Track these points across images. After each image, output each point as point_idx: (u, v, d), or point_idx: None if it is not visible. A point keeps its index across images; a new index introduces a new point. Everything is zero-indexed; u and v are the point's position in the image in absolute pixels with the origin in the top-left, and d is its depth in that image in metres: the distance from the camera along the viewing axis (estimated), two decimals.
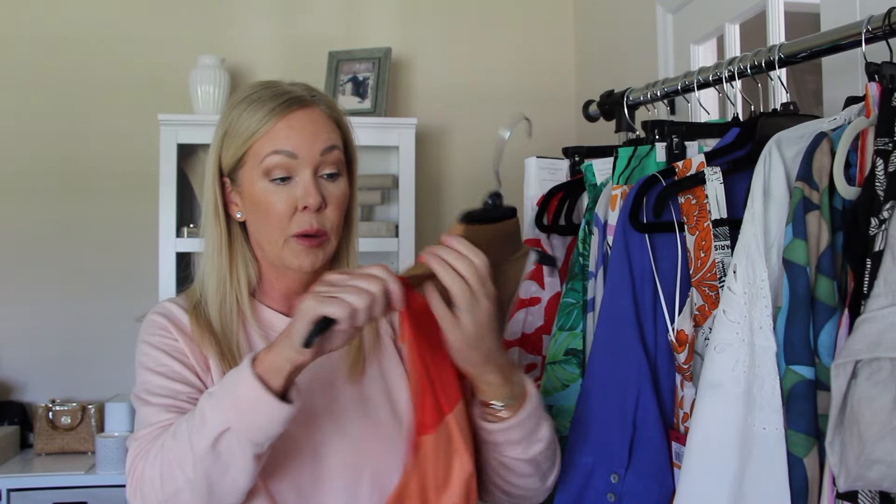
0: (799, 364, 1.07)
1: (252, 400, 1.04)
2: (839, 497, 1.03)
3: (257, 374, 1.05)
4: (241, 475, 1.07)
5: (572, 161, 1.89)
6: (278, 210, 1.21)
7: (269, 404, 1.04)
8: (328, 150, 1.22)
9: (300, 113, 1.22)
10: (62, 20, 2.95)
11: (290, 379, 1.06)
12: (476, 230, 1.11)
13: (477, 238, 1.10)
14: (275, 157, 1.20)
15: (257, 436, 1.05)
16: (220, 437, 1.05)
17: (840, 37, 1.26)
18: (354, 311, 1.00)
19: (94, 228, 2.94)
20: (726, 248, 1.30)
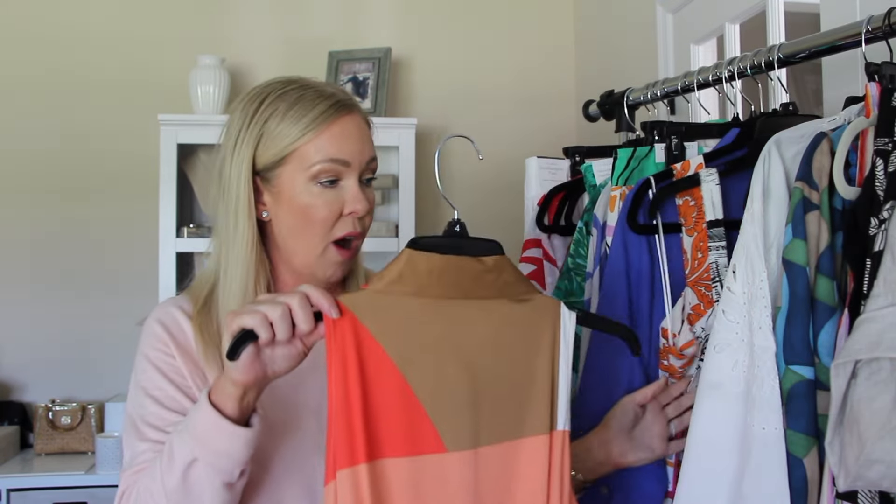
0: (798, 364, 1.07)
1: (210, 428, 1.04)
2: (839, 497, 1.03)
3: (212, 402, 1.05)
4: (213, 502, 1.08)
5: (573, 161, 1.89)
6: (323, 214, 1.19)
7: (227, 430, 1.04)
8: (372, 160, 1.24)
9: (348, 119, 1.21)
10: (62, 20, 2.95)
11: (245, 402, 1.05)
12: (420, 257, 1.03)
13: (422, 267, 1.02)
14: (328, 164, 1.18)
15: (223, 463, 1.05)
16: (188, 470, 1.06)
17: (840, 37, 1.26)
18: (268, 320, 0.98)
19: (94, 228, 2.94)
20: (722, 248, 1.30)
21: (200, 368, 1.21)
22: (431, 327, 1.02)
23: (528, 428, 1.04)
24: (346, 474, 0.96)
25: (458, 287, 1.03)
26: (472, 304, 1.04)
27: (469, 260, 1.04)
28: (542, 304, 1.08)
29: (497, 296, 1.05)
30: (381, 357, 0.99)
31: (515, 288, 1.07)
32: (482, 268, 1.05)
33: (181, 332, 1.23)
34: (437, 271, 1.02)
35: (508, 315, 1.05)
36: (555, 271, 1.79)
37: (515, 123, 3.10)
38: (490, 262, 1.05)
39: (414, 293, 1.01)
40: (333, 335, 0.98)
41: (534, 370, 1.05)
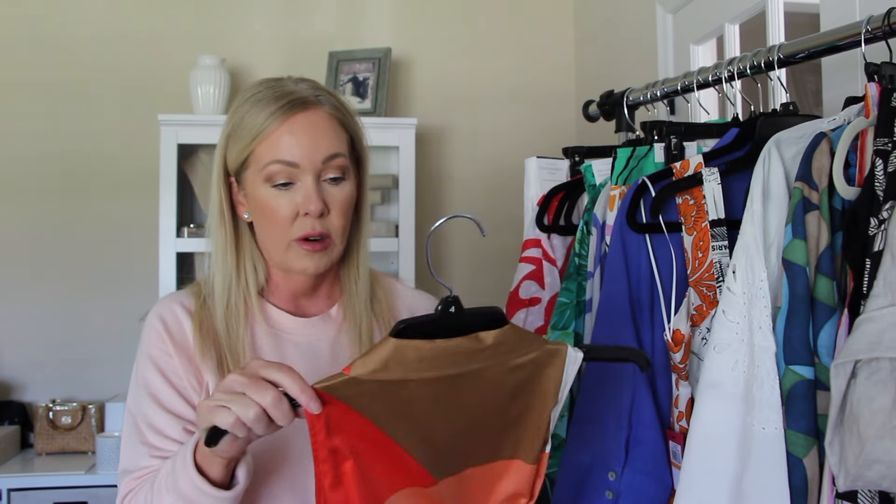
0: (798, 364, 1.07)
1: (195, 492, 1.06)
2: (839, 497, 1.03)
3: (197, 465, 1.06)
4: None
5: (572, 161, 1.89)
6: (281, 215, 1.19)
7: (208, 493, 1.06)
8: (330, 158, 1.20)
9: (301, 117, 1.19)
10: (62, 20, 2.95)
11: (229, 467, 1.07)
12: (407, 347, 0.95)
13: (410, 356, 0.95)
14: (275, 165, 1.18)
15: None
16: None
17: (839, 37, 1.26)
18: (241, 422, 0.95)
19: (95, 228, 2.94)
20: (724, 248, 1.30)
21: (196, 365, 1.22)
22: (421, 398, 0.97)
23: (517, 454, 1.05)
24: None
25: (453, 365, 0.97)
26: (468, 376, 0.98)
27: (465, 340, 0.97)
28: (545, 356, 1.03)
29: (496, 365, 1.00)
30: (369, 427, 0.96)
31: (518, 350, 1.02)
32: (479, 346, 0.98)
33: (180, 329, 1.23)
34: (428, 358, 0.96)
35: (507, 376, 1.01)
36: (554, 271, 1.79)
37: (515, 123, 3.10)
38: (489, 338, 0.99)
39: (402, 378, 0.95)
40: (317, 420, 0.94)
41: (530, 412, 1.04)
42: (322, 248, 1.21)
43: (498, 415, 1.03)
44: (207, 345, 1.22)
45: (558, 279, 1.76)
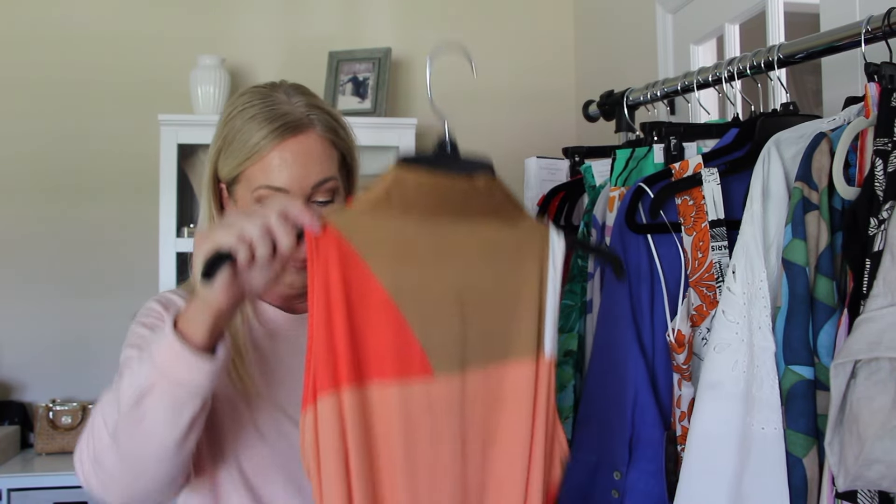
0: (798, 364, 1.07)
1: (171, 357, 0.97)
2: (838, 497, 1.03)
3: (178, 329, 0.98)
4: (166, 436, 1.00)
5: (572, 161, 1.89)
6: None
7: (189, 361, 0.97)
8: (320, 184, 1.20)
9: (293, 142, 1.19)
10: (62, 20, 2.95)
11: (216, 329, 0.98)
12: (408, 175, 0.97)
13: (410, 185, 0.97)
14: (265, 190, 1.18)
15: (182, 394, 0.98)
16: (143, 398, 0.98)
17: (839, 37, 1.26)
18: (245, 238, 0.91)
19: (95, 228, 2.94)
20: (724, 248, 1.30)
21: None
22: (419, 246, 0.98)
23: (514, 351, 1.02)
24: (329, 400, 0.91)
25: (448, 206, 0.99)
26: (462, 224, 1.00)
27: (459, 179, 1.00)
28: (531, 228, 1.06)
29: (487, 217, 1.02)
30: (367, 275, 0.94)
31: (505, 210, 1.04)
32: (473, 188, 1.01)
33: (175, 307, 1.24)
34: (427, 189, 0.98)
35: (497, 237, 1.03)
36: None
37: (515, 123, 3.10)
38: (481, 182, 1.01)
39: (401, 211, 0.97)
40: (316, 253, 0.92)
41: (521, 293, 1.03)
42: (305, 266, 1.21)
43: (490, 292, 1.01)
44: None
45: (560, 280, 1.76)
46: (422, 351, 0.96)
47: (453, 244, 1.00)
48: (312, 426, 0.91)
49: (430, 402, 0.97)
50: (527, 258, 1.04)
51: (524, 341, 1.03)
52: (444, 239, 0.99)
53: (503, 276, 1.03)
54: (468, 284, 1.00)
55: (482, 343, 1.01)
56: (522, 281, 1.04)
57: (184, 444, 1.02)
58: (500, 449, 1.02)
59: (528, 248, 1.05)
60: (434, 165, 0.99)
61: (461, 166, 1.01)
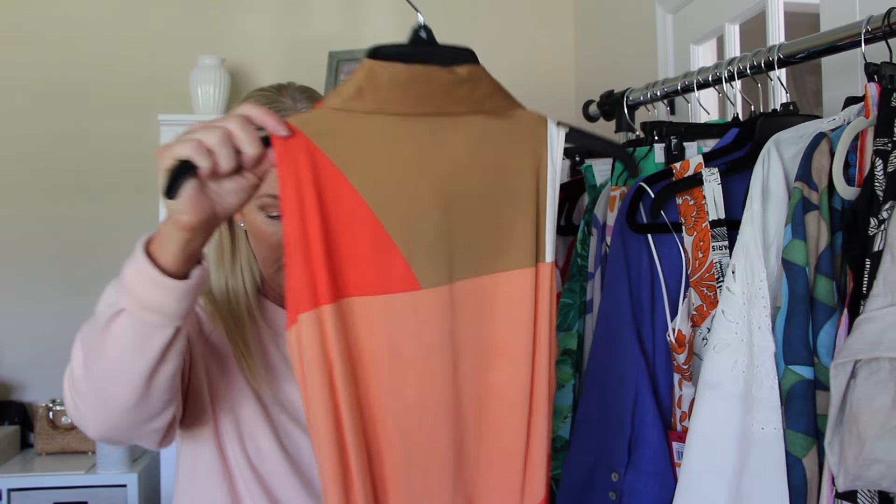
0: (798, 364, 1.07)
1: (140, 278, 0.92)
2: (838, 497, 1.03)
3: (148, 251, 0.93)
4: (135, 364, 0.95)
5: (572, 161, 1.89)
6: (272, 241, 1.20)
7: (157, 281, 0.91)
8: None
9: None
10: (62, 20, 2.95)
11: (190, 249, 0.92)
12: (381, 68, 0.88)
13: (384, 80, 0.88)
14: (269, 199, 1.18)
15: (152, 318, 0.92)
16: (113, 319, 0.94)
17: (839, 37, 1.26)
18: (205, 146, 0.84)
19: (95, 228, 2.94)
20: (724, 248, 1.30)
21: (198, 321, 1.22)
22: (398, 148, 0.89)
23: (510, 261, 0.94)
24: (309, 317, 0.84)
25: (428, 101, 0.90)
26: (445, 121, 0.91)
27: (439, 70, 0.91)
28: (525, 120, 0.96)
29: (472, 111, 0.93)
30: (342, 184, 0.86)
31: (493, 101, 0.95)
32: (454, 79, 0.92)
33: None
34: (403, 83, 0.89)
35: (486, 132, 0.93)
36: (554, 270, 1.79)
37: None
38: (463, 72, 0.92)
39: (376, 110, 0.88)
40: (285, 159, 0.85)
41: (516, 195, 0.95)
42: None
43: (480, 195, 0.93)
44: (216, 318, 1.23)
45: (560, 278, 1.76)
46: (406, 264, 0.89)
47: (436, 144, 0.91)
48: (296, 342, 0.85)
49: (416, 312, 0.90)
50: (521, 155, 0.95)
51: (522, 249, 0.95)
52: (426, 138, 0.90)
53: (495, 176, 0.94)
54: (455, 188, 0.91)
55: (472, 252, 0.93)
56: (517, 181, 0.94)
57: (155, 376, 0.95)
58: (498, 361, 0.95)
59: (522, 143, 0.95)
60: (410, 57, 0.90)
61: (440, 56, 0.92)
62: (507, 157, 0.94)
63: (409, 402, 0.90)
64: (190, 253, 0.92)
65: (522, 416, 0.96)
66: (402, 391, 0.90)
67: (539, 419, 0.96)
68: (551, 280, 0.95)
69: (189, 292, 0.93)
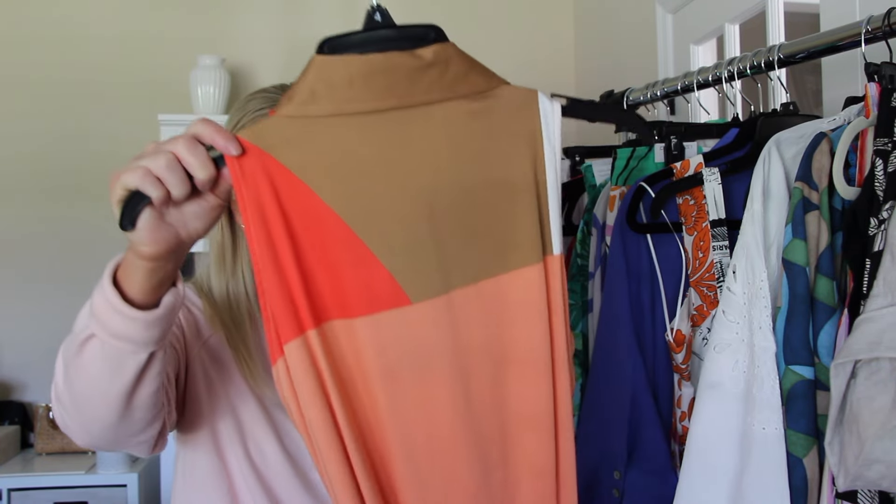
0: (798, 364, 1.07)
1: (105, 308, 0.88)
2: (838, 497, 1.03)
3: (115, 279, 0.89)
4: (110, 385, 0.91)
5: (572, 161, 1.89)
6: None
7: (122, 312, 0.87)
8: None
9: None
10: (62, 20, 2.95)
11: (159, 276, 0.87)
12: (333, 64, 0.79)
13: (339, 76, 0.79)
14: None
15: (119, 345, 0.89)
16: (84, 344, 0.91)
17: (839, 37, 1.26)
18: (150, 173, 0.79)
19: (95, 228, 2.94)
20: (724, 248, 1.30)
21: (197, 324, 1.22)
22: (366, 151, 0.80)
23: (514, 259, 0.85)
24: (296, 345, 0.78)
25: (392, 94, 0.81)
26: (414, 113, 0.81)
27: (400, 55, 0.82)
28: (512, 98, 0.85)
29: (446, 97, 0.83)
30: (309, 197, 0.78)
31: (469, 82, 0.85)
32: (419, 63, 0.82)
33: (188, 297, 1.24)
34: (361, 78, 0.80)
35: (465, 118, 0.83)
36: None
37: None
38: (428, 54, 0.83)
39: (335, 112, 0.79)
40: (242, 178, 0.77)
41: (512, 185, 0.84)
42: None
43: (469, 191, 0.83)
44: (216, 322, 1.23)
45: None
46: (391, 278, 0.81)
47: (408, 140, 0.81)
48: (286, 377, 0.79)
49: (409, 329, 0.82)
50: (511, 138, 0.84)
51: (525, 247, 0.86)
52: (395, 136, 0.81)
53: (483, 167, 0.84)
54: (438, 186, 0.82)
55: (469, 255, 0.84)
56: (510, 169, 0.84)
57: (133, 398, 0.93)
58: (515, 367, 0.86)
59: (511, 124, 0.84)
60: (364, 46, 0.81)
61: (399, 39, 0.83)
62: (494, 144, 0.84)
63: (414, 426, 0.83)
64: (158, 281, 0.88)
65: (549, 428, 0.87)
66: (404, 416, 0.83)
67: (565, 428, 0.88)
68: (562, 274, 0.86)
69: (158, 321, 0.89)
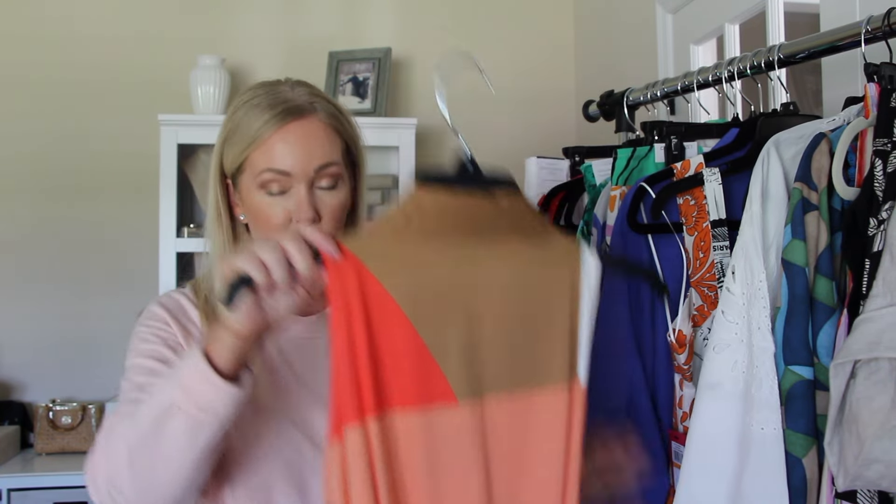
0: (798, 364, 1.07)
1: (198, 378, 0.98)
2: (838, 497, 1.03)
3: (205, 351, 0.99)
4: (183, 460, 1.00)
5: (572, 161, 1.89)
6: (273, 222, 1.20)
7: (216, 384, 0.97)
8: (323, 167, 1.20)
9: (295, 126, 1.19)
10: (62, 20, 2.95)
11: (241, 354, 0.99)
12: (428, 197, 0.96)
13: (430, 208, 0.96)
14: (268, 174, 1.18)
15: (205, 418, 0.99)
16: (165, 417, 0.99)
17: (839, 37, 1.27)
18: (262, 263, 0.92)
19: (95, 228, 2.94)
20: (725, 248, 1.30)
21: None
22: (441, 270, 0.95)
23: (545, 377, 0.98)
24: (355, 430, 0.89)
25: (470, 226, 0.97)
26: (485, 246, 0.97)
27: (483, 200, 0.97)
28: (561, 245, 1.02)
29: (511, 235, 0.99)
30: (387, 301, 0.92)
31: (532, 227, 1.01)
32: (496, 207, 0.98)
33: (184, 313, 1.25)
34: (449, 212, 0.96)
35: (524, 256, 0.99)
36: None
37: (515, 123, 3.10)
38: (504, 199, 0.99)
39: (421, 234, 0.95)
40: (337, 278, 0.91)
41: (552, 315, 0.99)
42: None
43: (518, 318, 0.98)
44: None
45: None
46: (443, 376, 0.94)
47: (476, 266, 0.97)
48: (340, 461, 0.89)
49: (455, 429, 0.95)
50: (557, 279, 1.00)
51: (556, 366, 0.99)
52: (467, 261, 0.96)
53: (531, 298, 0.99)
54: (494, 310, 0.97)
55: (507, 368, 0.98)
56: (552, 303, 1.00)
57: (198, 470, 1.03)
58: (530, 481, 0.98)
59: (558, 267, 1.01)
60: (455, 184, 0.97)
61: (483, 183, 0.99)
62: (543, 279, 1.00)
63: None
64: (241, 357, 0.99)
65: None
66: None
67: None
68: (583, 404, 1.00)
69: (242, 400, 1.00)
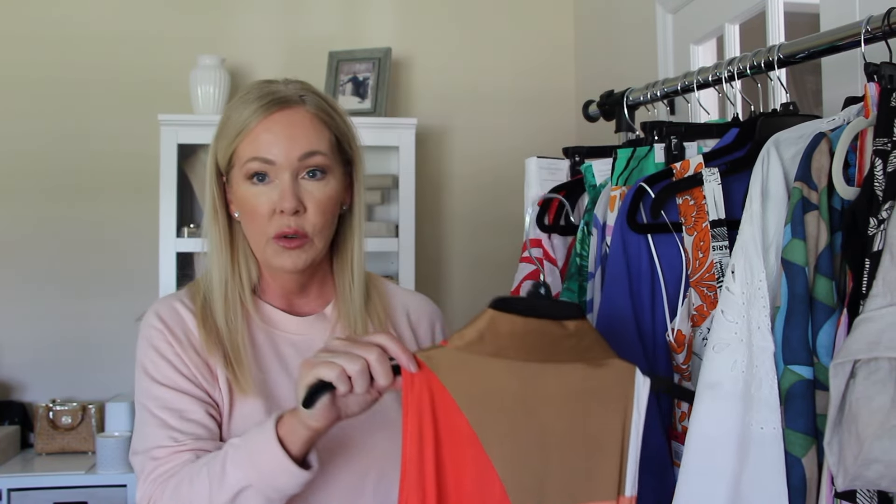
0: (797, 364, 1.07)
1: (274, 465, 1.08)
2: (837, 496, 1.03)
3: (279, 437, 1.08)
4: None
5: (572, 161, 1.89)
6: (259, 212, 1.21)
7: (289, 470, 1.07)
8: (307, 156, 1.21)
9: (279, 115, 1.20)
10: (62, 20, 2.95)
11: (311, 443, 1.09)
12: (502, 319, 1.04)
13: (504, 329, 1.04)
14: (253, 162, 1.20)
15: (275, 494, 1.10)
16: (240, 494, 1.09)
17: (839, 37, 1.27)
18: (345, 374, 1.00)
19: (95, 228, 2.94)
20: (724, 248, 1.30)
21: (204, 359, 1.23)
22: (508, 388, 1.03)
23: (594, 493, 1.06)
24: None
25: (538, 350, 1.05)
26: (550, 367, 1.05)
27: (551, 324, 1.05)
28: (617, 369, 1.09)
29: (575, 360, 1.07)
30: (457, 415, 1.01)
31: (593, 353, 1.09)
32: (563, 333, 1.06)
33: (181, 323, 1.25)
34: (520, 334, 1.04)
35: (584, 379, 1.07)
36: (555, 271, 1.79)
37: (515, 123, 3.10)
38: (572, 327, 1.07)
39: (493, 354, 1.03)
40: (411, 389, 1.00)
41: (605, 436, 1.07)
42: (298, 245, 1.21)
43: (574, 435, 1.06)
44: (212, 340, 1.23)
45: (559, 279, 1.76)
46: (503, 489, 1.01)
47: (540, 387, 1.04)
48: None
49: None
50: (612, 401, 1.08)
51: (605, 483, 1.06)
52: (532, 382, 1.04)
53: (587, 419, 1.06)
54: (552, 427, 1.05)
55: (563, 484, 1.05)
56: (606, 424, 1.07)
57: None
58: None
59: (614, 390, 1.08)
60: (527, 310, 1.04)
61: (552, 310, 1.06)
62: (600, 401, 1.07)
63: None
64: (311, 444, 1.10)
65: None
66: None
67: None
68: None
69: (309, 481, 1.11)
